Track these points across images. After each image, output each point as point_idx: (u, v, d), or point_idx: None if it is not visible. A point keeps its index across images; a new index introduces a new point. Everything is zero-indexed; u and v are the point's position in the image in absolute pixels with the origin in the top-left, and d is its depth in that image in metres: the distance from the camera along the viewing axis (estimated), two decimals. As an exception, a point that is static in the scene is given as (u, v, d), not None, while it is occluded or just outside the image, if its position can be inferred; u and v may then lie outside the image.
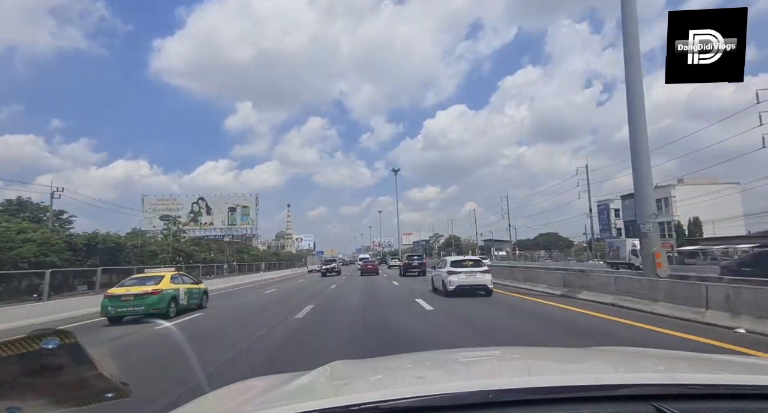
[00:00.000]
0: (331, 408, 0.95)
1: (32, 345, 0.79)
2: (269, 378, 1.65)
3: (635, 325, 7.38)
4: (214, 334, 8.18)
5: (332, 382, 1.45)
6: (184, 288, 11.78)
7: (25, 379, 0.81)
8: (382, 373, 1.55)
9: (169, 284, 11.01)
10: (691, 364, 1.52)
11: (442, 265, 14.02)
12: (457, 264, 13.12)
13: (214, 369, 5.04)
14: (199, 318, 10.81)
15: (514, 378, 1.23)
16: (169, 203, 73.14)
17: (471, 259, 13.70)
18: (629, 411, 0.92)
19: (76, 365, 0.83)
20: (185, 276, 12.83)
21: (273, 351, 6.18)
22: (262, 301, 15.04)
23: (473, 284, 12.49)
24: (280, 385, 1.38)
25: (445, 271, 13.07)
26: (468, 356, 1.92)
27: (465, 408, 0.94)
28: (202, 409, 1.23)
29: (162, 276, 11.23)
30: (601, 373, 1.33)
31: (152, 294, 10.42)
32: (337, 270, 34.96)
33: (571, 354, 1.85)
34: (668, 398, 0.95)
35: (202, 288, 13.18)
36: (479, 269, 12.78)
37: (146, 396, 3.97)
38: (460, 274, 12.60)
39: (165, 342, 6.78)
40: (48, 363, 0.81)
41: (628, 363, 1.57)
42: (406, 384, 1.32)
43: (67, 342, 0.81)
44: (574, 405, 0.95)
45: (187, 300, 11.79)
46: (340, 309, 11.14)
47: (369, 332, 7.58)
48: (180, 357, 4.67)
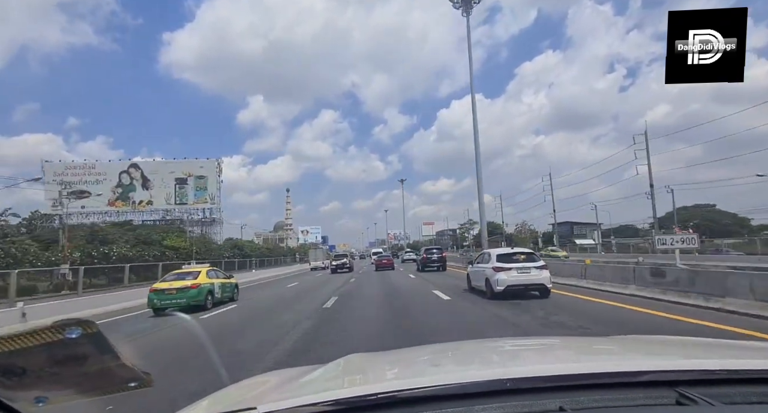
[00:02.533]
0: (348, 398, 0.94)
1: (56, 335, 0.81)
2: (285, 371, 1.66)
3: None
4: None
5: (348, 374, 1.45)
6: (218, 283, 12.89)
7: (51, 369, 0.84)
8: (398, 365, 1.54)
9: (205, 279, 12.15)
10: (712, 350, 1.49)
11: (484, 259, 11.62)
12: (506, 258, 10.60)
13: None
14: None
15: (533, 367, 1.21)
16: (84, 171, 49.39)
17: (523, 252, 11.20)
18: (652, 396, 0.91)
19: (99, 354, 0.85)
20: (218, 272, 13.91)
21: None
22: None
23: (527, 283, 10.23)
24: (297, 378, 1.39)
25: (489, 267, 10.68)
26: (485, 346, 1.90)
27: (482, 396, 0.92)
28: (218, 401, 1.25)
29: (199, 272, 12.39)
30: (621, 360, 1.30)
31: (191, 288, 11.68)
32: (349, 266, 30.08)
33: (591, 342, 1.81)
34: (691, 383, 0.93)
35: (233, 283, 14.21)
36: (534, 265, 10.43)
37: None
38: (511, 271, 10.23)
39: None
40: (72, 352, 0.83)
41: (648, 350, 1.54)
42: (423, 374, 1.30)
43: (89, 331, 0.83)
44: (595, 391, 0.93)
45: (221, 293, 12.91)
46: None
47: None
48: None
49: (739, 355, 1.30)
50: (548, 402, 0.89)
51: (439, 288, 13.83)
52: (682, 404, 0.86)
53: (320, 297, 13.40)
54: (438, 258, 25.17)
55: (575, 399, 0.89)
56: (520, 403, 0.89)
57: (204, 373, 4.29)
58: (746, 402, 0.89)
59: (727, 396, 0.89)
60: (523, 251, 11.45)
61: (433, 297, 11.96)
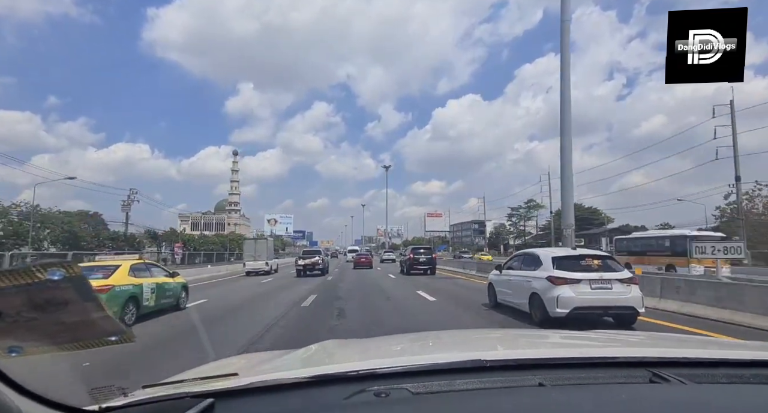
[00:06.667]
0: (332, 373, 0.96)
1: (37, 276, 0.76)
2: (266, 353, 1.67)
3: None
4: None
5: (329, 355, 1.47)
6: (151, 283, 8.68)
7: (29, 314, 0.78)
8: (377, 348, 1.57)
9: (126, 278, 8.02)
10: (687, 343, 1.58)
11: (526, 263, 8.03)
12: (569, 264, 7.01)
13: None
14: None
15: (512, 351, 1.27)
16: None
17: (595, 254, 7.54)
18: (627, 375, 0.97)
19: (81, 301, 0.80)
20: (155, 267, 9.79)
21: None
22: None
23: (607, 304, 6.68)
24: (275, 358, 1.38)
25: (540, 276, 7.13)
26: (464, 334, 1.99)
27: (463, 372, 0.96)
28: (205, 371, 1.22)
29: (117, 266, 8.15)
30: (596, 348, 1.38)
31: (98, 292, 8.51)
32: (321, 268, 22.15)
33: (571, 334, 1.92)
34: (664, 365, 1.00)
35: (179, 283, 9.85)
36: (616, 275, 6.80)
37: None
38: (579, 284, 6.66)
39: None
40: (53, 296, 0.78)
41: (626, 341, 1.63)
42: (403, 355, 1.36)
43: (73, 273, 0.78)
44: (573, 370, 0.99)
45: (155, 300, 8.68)
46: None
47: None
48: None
49: (711, 347, 1.40)
50: (528, 378, 0.94)
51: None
52: (654, 382, 0.93)
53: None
54: (427, 260, 22.04)
55: (554, 376, 0.95)
56: (500, 379, 0.93)
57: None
58: (715, 382, 0.97)
59: (698, 377, 0.96)
60: (595, 253, 7.78)
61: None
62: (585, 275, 6.77)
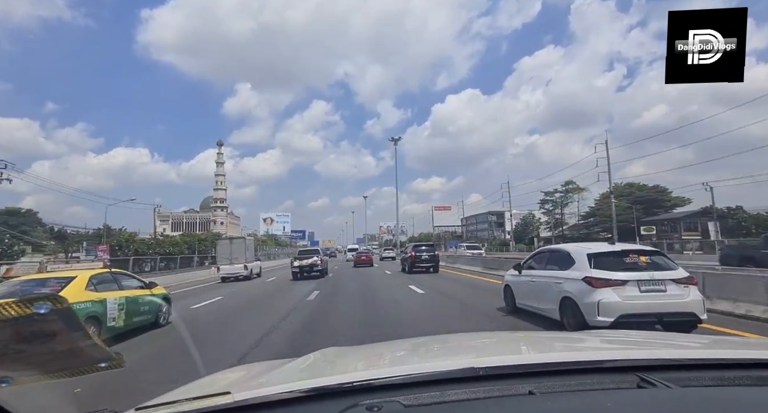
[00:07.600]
0: (326, 386, 0.97)
1: (24, 310, 0.77)
2: (257, 364, 1.68)
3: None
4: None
5: (323, 365, 1.48)
6: (119, 298, 6.92)
7: (18, 346, 0.80)
8: (373, 356, 1.59)
9: (82, 294, 6.28)
10: (675, 342, 1.60)
11: (555, 262, 6.85)
12: (611, 261, 5.91)
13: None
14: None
15: (503, 357, 1.29)
16: None
17: (642, 249, 6.35)
18: (616, 381, 0.99)
19: (68, 331, 0.82)
20: (126, 277, 7.99)
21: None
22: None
23: (662, 311, 5.48)
24: (271, 369, 1.39)
25: (574, 277, 6.01)
26: (457, 339, 2.02)
27: (455, 382, 0.97)
28: (192, 388, 1.23)
29: (70, 279, 6.45)
30: (585, 351, 1.41)
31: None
32: (320, 269, 20.21)
33: (560, 336, 1.91)
34: (652, 369, 1.02)
35: (158, 295, 8.16)
36: (671, 275, 5.70)
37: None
38: (625, 286, 5.53)
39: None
40: (40, 329, 0.80)
41: (613, 342, 1.65)
42: (396, 364, 1.37)
43: (59, 306, 0.79)
44: (563, 377, 1.01)
45: (125, 319, 6.92)
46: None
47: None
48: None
49: (698, 347, 1.43)
50: (518, 386, 0.95)
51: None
52: (642, 387, 0.95)
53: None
54: (429, 257, 21.19)
55: (544, 384, 0.96)
56: (491, 388, 0.95)
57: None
58: (701, 385, 0.99)
59: (684, 380, 0.99)
60: (641, 248, 6.46)
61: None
62: (631, 274, 5.61)
